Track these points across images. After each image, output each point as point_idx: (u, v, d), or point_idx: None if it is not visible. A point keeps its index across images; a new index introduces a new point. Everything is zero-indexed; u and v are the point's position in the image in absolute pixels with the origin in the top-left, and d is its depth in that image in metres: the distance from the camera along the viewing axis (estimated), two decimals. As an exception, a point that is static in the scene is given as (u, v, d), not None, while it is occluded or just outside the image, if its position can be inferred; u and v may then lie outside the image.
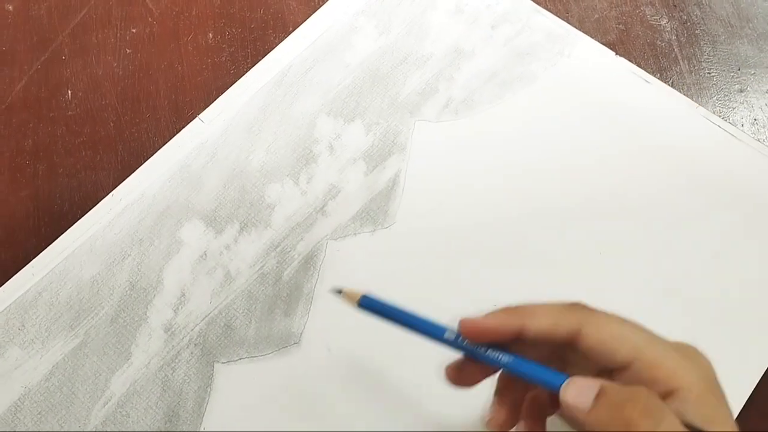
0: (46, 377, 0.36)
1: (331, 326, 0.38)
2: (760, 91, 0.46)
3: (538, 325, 0.29)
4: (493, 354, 0.29)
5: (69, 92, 0.46)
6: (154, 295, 0.39)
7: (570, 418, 0.28)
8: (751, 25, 0.49)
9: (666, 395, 0.28)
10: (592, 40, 0.47)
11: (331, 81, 0.45)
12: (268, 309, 0.38)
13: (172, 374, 0.37)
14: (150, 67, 0.47)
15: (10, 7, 0.49)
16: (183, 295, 0.39)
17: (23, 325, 0.38)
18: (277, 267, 0.39)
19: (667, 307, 0.38)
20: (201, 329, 0.38)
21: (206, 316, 0.38)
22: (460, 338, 0.29)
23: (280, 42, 0.47)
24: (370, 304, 0.31)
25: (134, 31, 0.48)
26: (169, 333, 0.38)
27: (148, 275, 0.39)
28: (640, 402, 0.27)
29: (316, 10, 0.48)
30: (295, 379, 0.37)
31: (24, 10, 0.49)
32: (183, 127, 0.44)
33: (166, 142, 0.43)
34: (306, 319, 0.38)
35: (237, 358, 0.37)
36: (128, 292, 0.39)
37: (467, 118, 0.44)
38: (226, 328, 0.38)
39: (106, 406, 0.36)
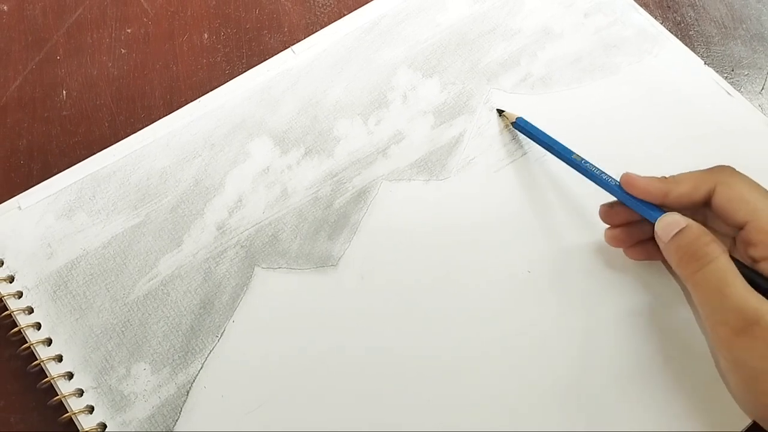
0: (104, 245, 0.40)
1: (369, 258, 0.40)
2: (753, 92, 0.46)
3: (680, 189, 0.33)
4: (607, 179, 0.37)
5: (64, 92, 0.46)
6: (214, 195, 0.41)
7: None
8: (744, 26, 0.48)
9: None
10: (683, 45, 0.47)
11: (418, 36, 0.47)
12: (315, 230, 0.40)
13: (215, 267, 0.39)
14: (145, 67, 0.47)
15: (5, 7, 0.49)
16: (240, 200, 0.41)
17: (94, 196, 0.41)
18: (330, 194, 0.42)
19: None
20: (250, 234, 0.40)
21: (257, 224, 0.40)
22: (584, 161, 0.38)
23: (275, 42, 0.48)
24: (523, 126, 0.42)
25: (129, 31, 0.48)
26: (221, 231, 0.40)
27: (212, 176, 0.42)
28: (694, 245, 0.30)
29: (311, 11, 0.49)
30: (324, 296, 0.38)
31: (18, 10, 0.49)
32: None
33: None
34: (347, 247, 0.40)
35: (276, 267, 0.39)
36: (192, 187, 0.41)
37: (541, 95, 0.45)
38: (273, 238, 0.40)
39: (151, 282, 0.39)
